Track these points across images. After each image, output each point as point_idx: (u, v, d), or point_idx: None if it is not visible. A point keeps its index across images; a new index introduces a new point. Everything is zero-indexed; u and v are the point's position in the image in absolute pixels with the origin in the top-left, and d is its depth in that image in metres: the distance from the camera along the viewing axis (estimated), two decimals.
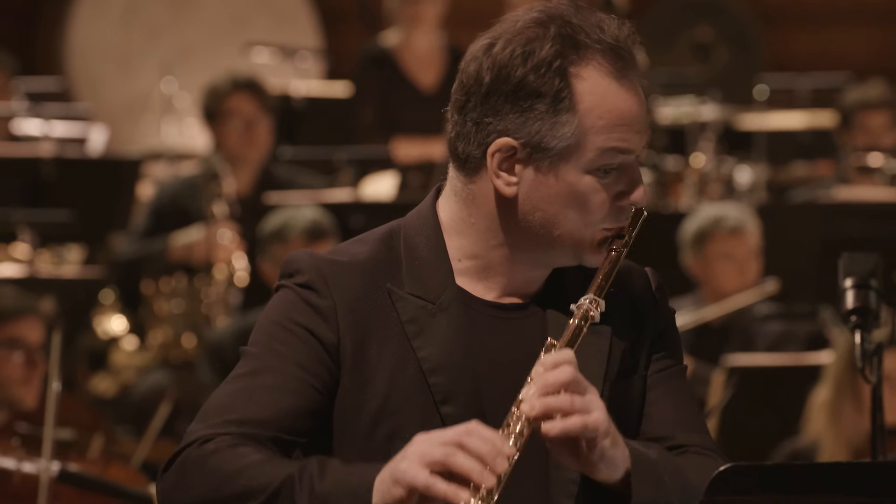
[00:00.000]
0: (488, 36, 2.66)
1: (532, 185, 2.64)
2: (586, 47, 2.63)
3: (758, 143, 8.97)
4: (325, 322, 2.64)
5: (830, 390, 5.36)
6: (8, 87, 8.63)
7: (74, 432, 5.08)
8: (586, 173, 2.64)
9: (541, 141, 2.62)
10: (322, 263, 2.67)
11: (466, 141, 2.65)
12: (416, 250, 2.69)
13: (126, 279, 7.43)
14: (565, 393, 2.52)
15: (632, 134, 2.66)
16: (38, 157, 7.56)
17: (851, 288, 3.62)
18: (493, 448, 2.47)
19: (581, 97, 2.62)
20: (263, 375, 2.63)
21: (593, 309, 2.62)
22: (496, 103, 2.63)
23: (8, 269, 7.05)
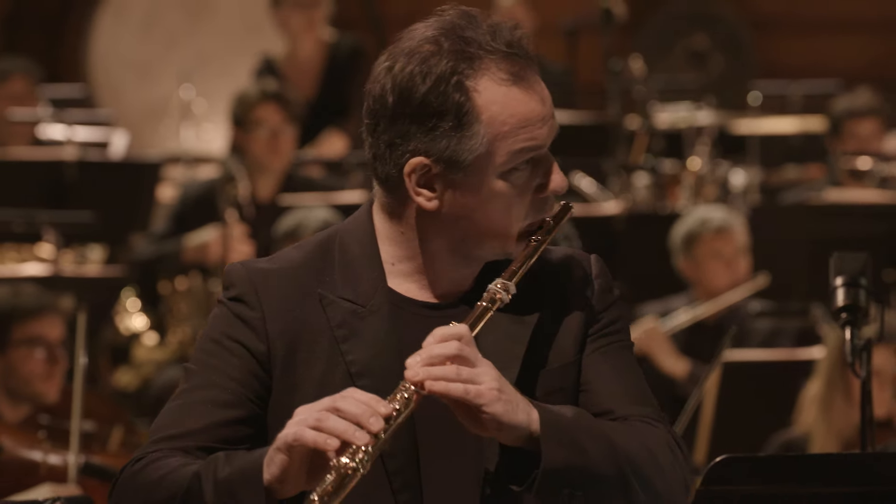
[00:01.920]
0: (388, 55, 2.64)
1: (452, 197, 2.63)
2: (480, 58, 2.60)
3: (751, 147, 8.96)
4: (255, 333, 2.64)
5: (822, 384, 5.36)
6: (33, 93, 8.63)
7: (96, 425, 5.07)
8: (501, 176, 2.62)
9: (451, 156, 2.60)
10: (254, 274, 2.67)
11: (383, 162, 2.65)
12: (349, 254, 2.69)
13: (144, 278, 7.44)
14: (451, 364, 2.51)
15: (537, 130, 2.63)
16: (62, 161, 7.56)
17: (842, 286, 3.62)
18: (367, 409, 2.46)
19: (482, 108, 2.60)
20: (197, 391, 2.64)
21: (501, 292, 2.60)
22: (403, 126, 2.61)
23: (33, 268, 7.05)
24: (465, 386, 2.50)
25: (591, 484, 2.56)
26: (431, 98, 2.59)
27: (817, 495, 2.69)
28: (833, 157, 8.11)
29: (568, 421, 2.58)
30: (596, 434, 2.59)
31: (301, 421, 2.47)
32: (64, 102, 8.78)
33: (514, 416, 2.52)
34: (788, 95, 9.84)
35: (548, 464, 2.53)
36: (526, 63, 2.63)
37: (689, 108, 9.21)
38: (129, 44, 10.81)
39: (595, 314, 2.71)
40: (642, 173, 8.30)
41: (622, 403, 2.67)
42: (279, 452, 2.48)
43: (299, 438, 2.46)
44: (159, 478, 2.57)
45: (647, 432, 2.64)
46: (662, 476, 2.61)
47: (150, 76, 10.76)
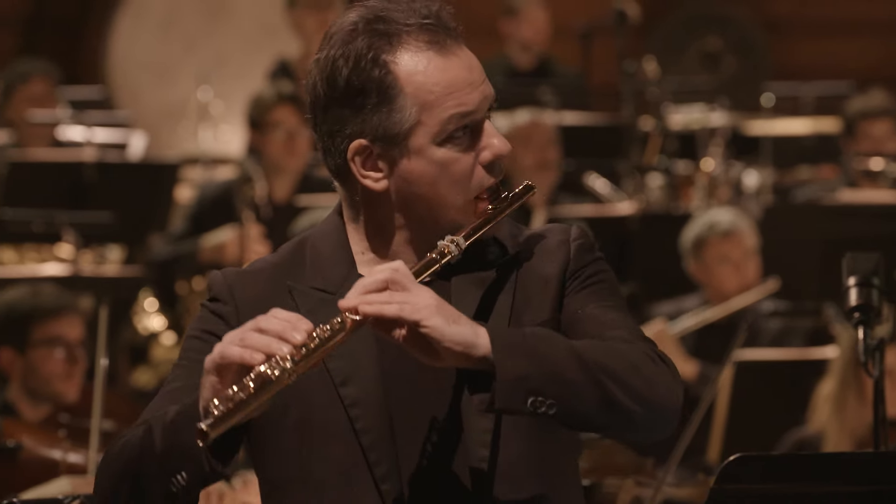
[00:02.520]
0: (319, 49, 2.66)
1: (398, 175, 2.63)
2: (397, 33, 2.61)
3: (764, 148, 8.96)
4: (227, 325, 2.66)
5: (835, 384, 5.35)
6: (53, 95, 8.64)
7: (115, 423, 5.08)
8: (439, 146, 2.62)
9: (385, 132, 2.61)
10: (229, 276, 2.71)
11: (330, 154, 2.66)
12: (319, 250, 2.71)
13: (162, 279, 7.45)
14: (384, 290, 2.50)
15: (465, 95, 2.62)
16: (81, 162, 7.58)
17: (855, 286, 3.61)
18: (288, 324, 2.47)
19: (405, 79, 2.60)
20: (178, 380, 2.68)
21: (450, 246, 2.58)
22: (336, 112, 2.63)
23: (53, 268, 7.07)
24: (400, 305, 2.48)
25: (558, 389, 2.49)
26: (353, 78, 2.60)
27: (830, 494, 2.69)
28: (846, 158, 8.09)
29: (521, 332, 2.55)
30: (554, 341, 2.54)
31: (226, 341, 2.49)
32: (83, 104, 8.80)
33: (456, 327, 2.47)
34: (801, 96, 9.83)
35: (504, 372, 2.47)
36: (445, 33, 2.63)
37: (703, 110, 9.20)
38: (147, 46, 10.83)
39: (574, 270, 2.68)
40: (656, 174, 8.30)
41: (600, 332, 2.62)
42: (209, 375, 2.49)
43: (225, 356, 2.47)
44: (122, 446, 2.60)
45: (624, 346, 2.58)
46: (642, 379, 2.54)
47: (168, 78, 10.78)
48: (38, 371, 5.18)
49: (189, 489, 2.53)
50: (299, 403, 2.61)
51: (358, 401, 2.59)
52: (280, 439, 2.63)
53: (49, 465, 4.64)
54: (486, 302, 2.65)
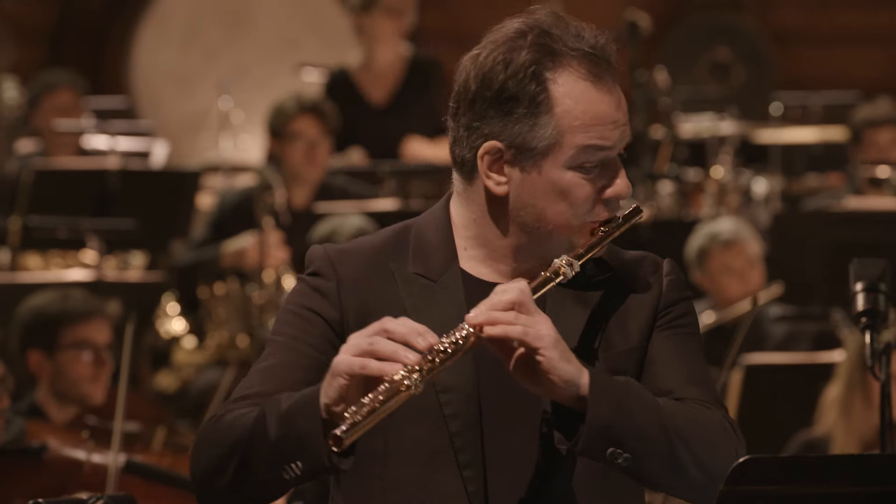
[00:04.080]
0: (477, 47, 2.68)
1: (520, 184, 2.65)
2: (562, 54, 2.64)
3: (773, 156, 8.95)
4: (329, 301, 2.68)
5: (842, 387, 5.33)
6: (78, 105, 8.66)
7: (139, 425, 5.09)
8: (568, 169, 2.64)
9: (523, 142, 2.63)
10: (331, 251, 2.72)
11: (461, 145, 2.68)
12: (424, 238, 2.72)
13: (184, 284, 7.45)
14: (510, 311, 2.53)
15: (608, 131, 2.67)
16: (105, 170, 7.59)
17: (861, 291, 3.61)
18: (414, 330, 2.49)
19: (557, 100, 2.63)
20: (275, 357, 2.68)
21: (565, 266, 2.61)
22: (481, 108, 2.64)
23: (77, 274, 7.08)
24: (525, 328, 2.51)
25: (636, 445, 2.55)
26: (510, 84, 2.63)
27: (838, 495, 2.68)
28: (853, 166, 8.08)
29: (617, 383, 2.59)
30: (645, 400, 2.59)
31: (352, 347, 2.50)
32: (107, 114, 8.82)
33: (567, 365, 2.52)
34: (809, 106, 9.81)
35: (593, 419, 2.53)
36: (606, 66, 2.67)
37: (713, 119, 9.20)
38: (169, 57, 10.85)
39: (665, 305, 2.72)
40: (667, 182, 8.29)
41: (682, 385, 2.67)
42: (338, 377, 2.49)
43: (365, 367, 2.47)
44: (229, 424, 2.59)
45: (701, 410, 2.63)
46: (711, 449, 2.60)
47: (189, 88, 10.79)
48: (66, 374, 5.19)
49: (302, 478, 2.53)
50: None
51: (450, 387, 2.61)
52: None
53: (73, 466, 4.65)
54: (579, 320, 2.68)
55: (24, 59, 10.55)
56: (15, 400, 5.13)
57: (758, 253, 6.80)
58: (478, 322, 2.52)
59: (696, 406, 2.64)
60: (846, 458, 3.10)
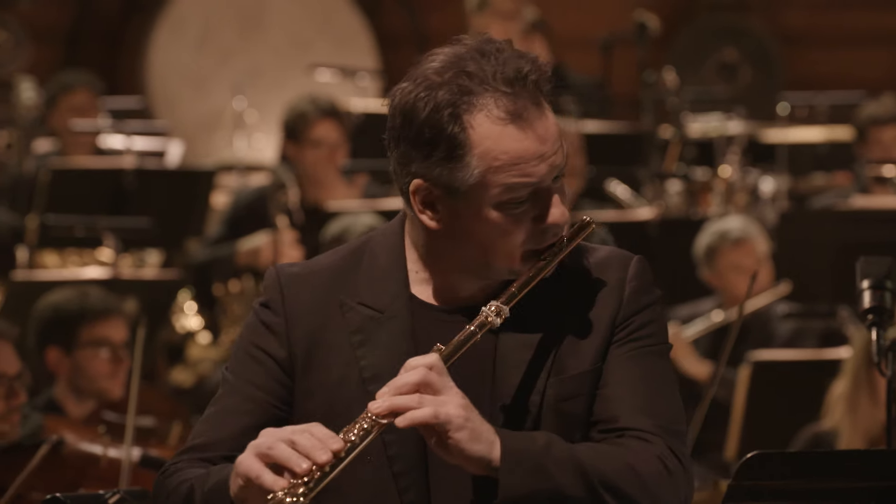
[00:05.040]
0: (407, 76, 2.62)
1: (452, 220, 2.60)
2: (479, 94, 2.56)
3: (780, 156, 8.93)
4: (277, 339, 2.66)
5: (848, 383, 5.32)
6: (95, 105, 8.67)
7: (155, 420, 5.09)
8: (495, 208, 2.58)
9: (447, 183, 2.58)
10: (284, 278, 2.68)
11: (397, 178, 2.64)
12: (376, 261, 2.68)
13: (199, 281, 7.46)
14: (416, 393, 2.48)
15: (531, 167, 2.57)
16: (121, 169, 7.60)
17: (868, 289, 3.60)
18: (318, 443, 2.45)
19: (475, 143, 2.56)
20: (226, 399, 2.69)
21: (492, 315, 2.56)
22: (405, 149, 2.60)
23: (94, 272, 7.09)
24: (432, 411, 2.46)
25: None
26: (427, 127, 2.56)
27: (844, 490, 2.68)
28: (859, 164, 8.06)
29: (535, 448, 2.54)
30: (564, 459, 2.53)
31: (257, 446, 2.49)
32: (123, 114, 8.83)
33: (475, 444, 2.49)
34: (815, 106, 9.79)
35: (505, 491, 2.50)
36: (529, 99, 2.57)
37: (720, 119, 9.18)
38: (184, 58, 10.85)
39: (624, 318, 2.64)
40: (675, 181, 8.28)
41: (627, 413, 2.60)
42: (237, 477, 2.51)
43: (259, 477, 2.46)
44: (172, 489, 2.62)
45: (638, 449, 2.57)
46: (647, 492, 2.54)
47: (204, 89, 10.80)
48: (84, 370, 5.19)
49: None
50: (337, 422, 2.56)
51: (391, 428, 2.55)
52: None
53: (90, 460, 4.65)
54: (529, 348, 2.62)
55: (41, 59, 10.56)
56: (32, 395, 5.14)
57: (766, 251, 6.78)
58: (381, 411, 2.48)
59: (631, 443, 2.58)
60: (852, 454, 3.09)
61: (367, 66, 10.46)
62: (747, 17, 11.38)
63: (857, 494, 2.68)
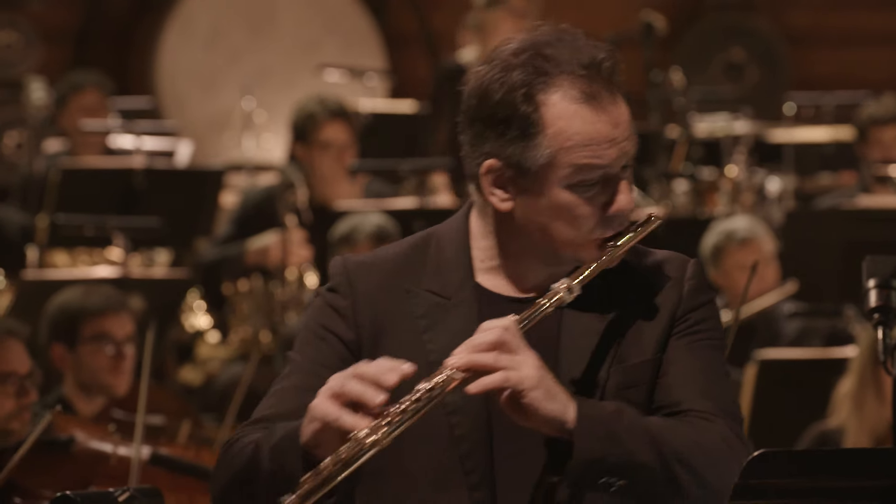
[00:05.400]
0: (483, 61, 2.67)
1: (523, 201, 2.64)
2: (554, 75, 2.61)
3: (786, 155, 8.93)
4: (344, 322, 2.68)
5: (854, 382, 5.32)
6: (104, 105, 8.68)
7: (164, 419, 5.10)
8: (565, 189, 2.62)
9: (519, 163, 2.62)
10: (350, 265, 2.71)
11: (469, 161, 2.68)
12: (443, 251, 2.71)
13: (208, 280, 7.46)
14: (492, 352, 2.51)
15: (603, 150, 2.61)
16: (131, 169, 7.61)
17: (874, 288, 3.59)
18: (384, 369, 2.49)
19: (549, 122, 2.60)
20: (293, 378, 2.69)
21: (562, 292, 2.59)
22: (479, 128, 2.64)
23: (104, 271, 7.10)
24: (506, 373, 2.50)
25: (631, 473, 2.55)
26: (502, 106, 2.61)
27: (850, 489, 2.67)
28: (865, 164, 8.06)
29: (607, 414, 2.57)
30: (636, 426, 2.57)
31: (328, 389, 2.51)
32: (132, 114, 8.84)
33: (550, 404, 2.51)
34: (822, 106, 9.79)
35: (579, 454, 2.52)
36: (602, 85, 2.63)
37: (727, 118, 9.18)
38: (194, 58, 10.86)
39: (683, 313, 2.69)
40: (682, 180, 8.28)
41: (689, 397, 2.64)
42: (313, 421, 2.52)
43: (339, 420, 2.48)
44: (238, 452, 2.62)
45: (702, 427, 2.62)
46: (713, 467, 2.59)
47: (213, 89, 10.81)
48: (86, 366, 5.20)
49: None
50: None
51: (459, 409, 2.60)
52: None
53: (100, 458, 4.66)
54: (593, 335, 2.66)
55: (51, 60, 10.57)
56: (42, 394, 5.15)
57: (772, 250, 6.78)
58: (458, 365, 2.51)
59: (696, 422, 2.62)
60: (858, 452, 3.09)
61: (375, 67, 10.47)
62: (754, 17, 11.37)
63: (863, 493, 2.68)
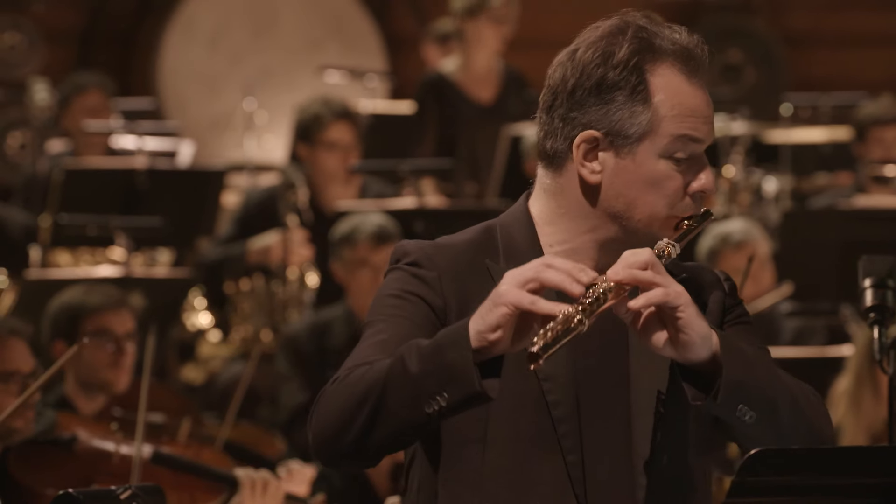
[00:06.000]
0: (572, 46, 2.72)
1: (614, 172, 2.67)
2: (660, 49, 2.69)
3: (783, 156, 8.92)
4: (432, 289, 2.67)
5: (851, 381, 5.32)
6: (107, 106, 8.68)
7: (166, 417, 5.09)
8: (661, 158, 2.67)
9: (620, 128, 2.66)
10: (426, 246, 2.72)
11: (554, 137, 2.70)
12: (511, 238, 2.72)
13: (210, 280, 7.46)
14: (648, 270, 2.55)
15: (700, 124, 2.69)
16: (133, 169, 7.60)
17: (870, 287, 3.60)
18: (576, 266, 2.51)
19: (655, 90, 2.67)
20: (381, 333, 2.65)
21: (669, 247, 2.64)
22: (581, 98, 2.67)
23: (106, 270, 7.10)
24: (665, 290, 2.53)
25: (761, 405, 2.59)
26: (611, 74, 2.66)
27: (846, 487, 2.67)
28: (861, 164, 8.05)
29: (742, 344, 2.63)
30: (765, 361, 2.64)
31: (517, 277, 2.49)
32: (135, 115, 8.84)
33: (702, 321, 2.55)
34: (819, 107, 9.79)
35: (728, 375, 2.54)
36: (700, 65, 2.71)
37: (724, 119, 9.16)
38: (196, 59, 10.86)
39: (730, 306, 2.76)
40: None
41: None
42: (500, 306, 2.48)
43: (535, 303, 2.46)
44: (360, 376, 2.57)
45: (797, 380, 2.69)
46: (816, 411, 2.66)
47: (215, 90, 10.81)
48: (87, 362, 5.20)
49: (448, 411, 2.50)
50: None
51: (551, 375, 2.62)
52: None
53: (102, 456, 4.65)
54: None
55: (54, 61, 10.57)
56: (45, 392, 5.15)
57: (767, 253, 6.77)
58: (619, 278, 2.54)
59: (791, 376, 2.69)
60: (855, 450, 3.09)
61: (375, 68, 10.47)
62: (751, 18, 11.37)
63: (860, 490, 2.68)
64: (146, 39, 10.94)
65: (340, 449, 2.57)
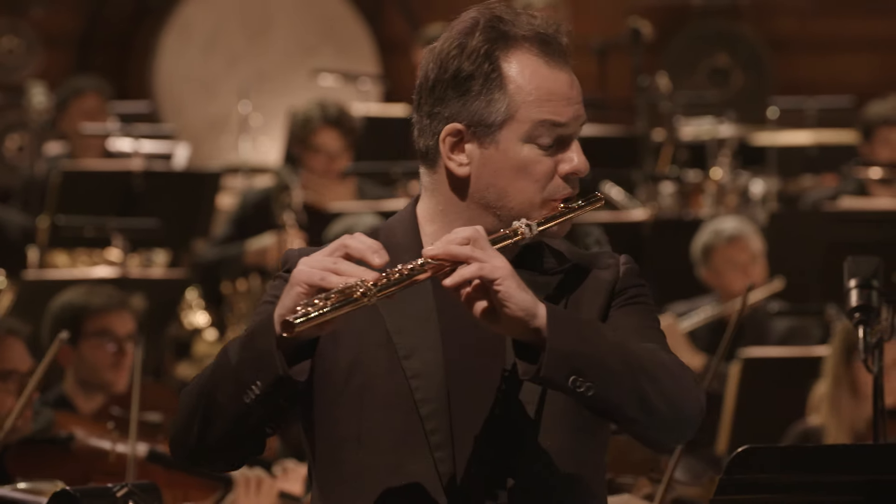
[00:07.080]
0: (436, 41, 2.71)
1: (481, 162, 2.65)
2: (514, 36, 2.66)
3: (770, 158, 8.93)
4: None
5: (829, 383, 5.29)
6: (104, 109, 8.67)
7: (163, 416, 5.09)
8: (525, 143, 2.65)
9: (480, 118, 2.64)
10: (307, 252, 2.70)
11: (424, 135, 2.69)
12: (392, 238, 2.71)
13: (207, 280, 7.46)
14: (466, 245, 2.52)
15: (561, 107, 2.65)
16: (130, 171, 7.60)
17: (855, 288, 3.60)
18: (370, 248, 2.51)
19: (510, 77, 2.64)
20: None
21: (523, 227, 2.61)
22: (441, 92, 2.66)
23: (103, 271, 7.09)
24: (480, 264, 2.50)
25: (599, 374, 2.51)
26: (465, 65, 2.65)
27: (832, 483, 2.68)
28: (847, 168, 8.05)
29: (577, 316, 2.60)
30: (606, 333, 2.57)
31: (315, 261, 2.52)
32: (131, 117, 8.84)
33: (524, 294, 2.50)
34: (805, 110, 9.80)
35: (553, 344, 2.49)
36: (557, 48, 2.68)
37: (712, 122, 9.19)
38: (192, 63, 10.86)
39: (622, 288, 2.71)
40: (668, 182, 8.28)
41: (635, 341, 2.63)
42: (294, 287, 2.51)
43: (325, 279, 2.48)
44: (198, 377, 2.62)
45: (661, 352, 2.61)
46: (676, 385, 2.56)
47: (211, 93, 10.80)
48: (88, 362, 5.20)
49: (262, 399, 2.51)
50: (363, 370, 2.62)
51: (419, 373, 2.61)
52: (341, 402, 2.64)
53: (99, 455, 4.65)
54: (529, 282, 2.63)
55: (52, 64, 10.56)
56: (45, 391, 5.14)
57: (760, 248, 6.81)
58: (434, 254, 2.52)
59: (653, 348, 2.61)
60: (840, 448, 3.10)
61: (368, 72, 10.46)
62: (739, 23, 11.38)
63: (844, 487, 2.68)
64: (143, 43, 10.93)
65: (189, 449, 2.61)
